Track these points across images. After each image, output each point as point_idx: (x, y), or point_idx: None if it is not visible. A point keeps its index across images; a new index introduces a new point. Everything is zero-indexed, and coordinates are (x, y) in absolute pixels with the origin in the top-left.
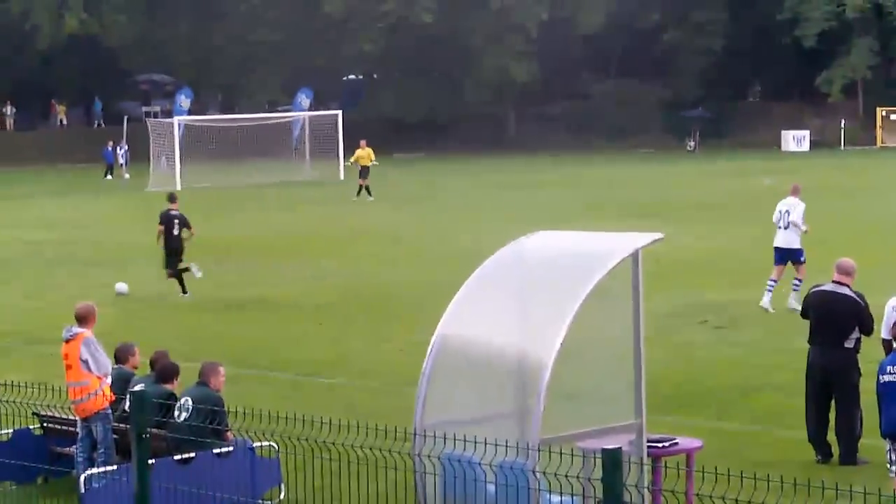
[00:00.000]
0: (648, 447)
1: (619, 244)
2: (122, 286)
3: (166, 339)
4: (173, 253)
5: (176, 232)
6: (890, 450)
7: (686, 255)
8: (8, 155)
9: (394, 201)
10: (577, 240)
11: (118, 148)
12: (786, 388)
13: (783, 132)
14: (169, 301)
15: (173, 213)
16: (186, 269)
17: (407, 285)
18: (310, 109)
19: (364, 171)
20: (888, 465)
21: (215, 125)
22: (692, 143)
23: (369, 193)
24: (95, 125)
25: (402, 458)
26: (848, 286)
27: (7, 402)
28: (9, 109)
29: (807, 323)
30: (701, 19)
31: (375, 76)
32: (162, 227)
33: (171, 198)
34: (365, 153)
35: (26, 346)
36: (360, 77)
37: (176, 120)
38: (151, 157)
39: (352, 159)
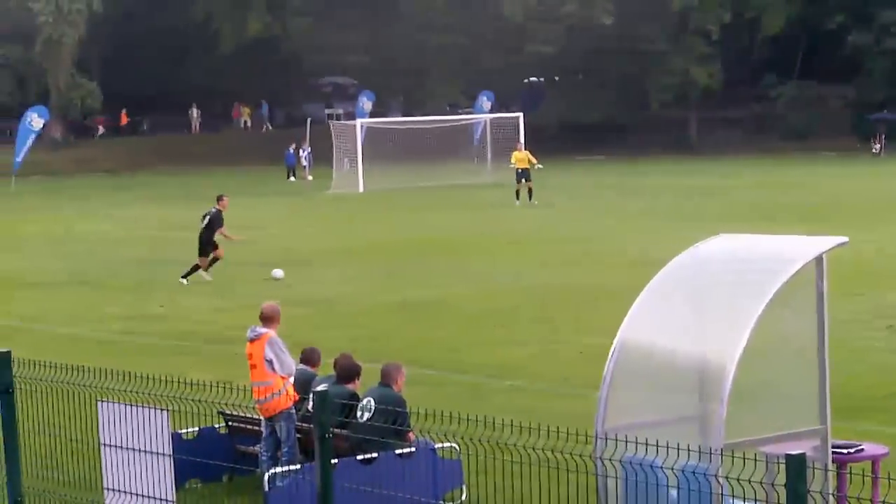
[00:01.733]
0: (833, 453)
1: (802, 248)
2: (278, 272)
3: (344, 340)
4: (200, 243)
5: (202, 226)
6: None
7: (868, 258)
8: (193, 157)
9: (571, 204)
10: (759, 243)
11: (301, 150)
12: None
13: None
14: (347, 303)
15: (210, 210)
16: (209, 265)
17: (583, 288)
18: (490, 112)
19: (524, 174)
20: None
21: (397, 127)
22: (878, 146)
23: (530, 197)
24: (263, 129)
25: (583, 461)
26: None
27: (193, 401)
28: (194, 112)
29: None
30: (887, 20)
31: (556, 79)
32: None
33: (217, 198)
34: (523, 155)
35: (209, 345)
36: (541, 80)
37: (358, 122)
38: (334, 160)
39: (512, 161)
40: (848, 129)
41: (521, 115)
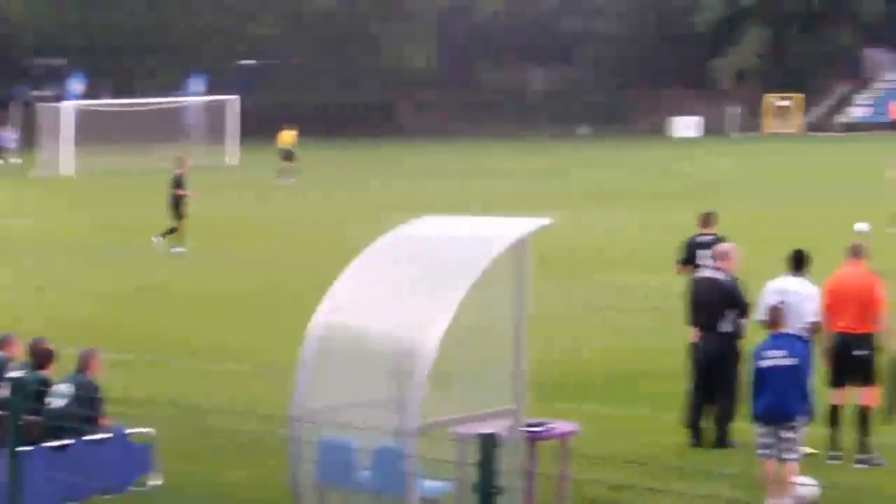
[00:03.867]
0: (525, 432)
1: (505, 230)
2: (863, 226)
3: (63, 327)
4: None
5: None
6: (762, 433)
7: (576, 242)
8: None
9: (286, 188)
10: (462, 226)
11: (7, 133)
12: (672, 373)
13: (674, 119)
14: (70, 289)
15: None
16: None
17: (301, 273)
18: (205, 94)
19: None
20: (758, 449)
21: (109, 109)
22: (585, 130)
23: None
24: None
25: (281, 442)
26: (724, 270)
27: None
28: None
29: None
30: (600, 5)
31: (275, 61)
32: None
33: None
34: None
35: None
36: (257, 62)
37: (67, 104)
38: (41, 142)
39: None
40: (557, 114)
41: (237, 97)
